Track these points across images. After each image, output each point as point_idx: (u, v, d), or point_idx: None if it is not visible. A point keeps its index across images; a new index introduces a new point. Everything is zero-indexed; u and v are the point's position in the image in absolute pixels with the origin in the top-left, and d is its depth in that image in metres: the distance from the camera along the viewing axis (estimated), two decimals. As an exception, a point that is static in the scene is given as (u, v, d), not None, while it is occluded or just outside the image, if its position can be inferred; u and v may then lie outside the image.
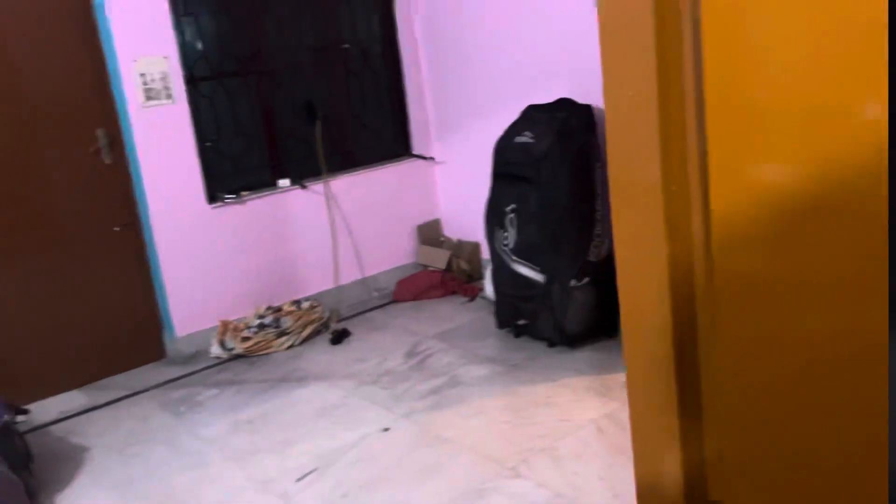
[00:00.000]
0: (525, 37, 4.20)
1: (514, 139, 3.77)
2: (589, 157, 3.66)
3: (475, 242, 4.80)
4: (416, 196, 4.92)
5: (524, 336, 3.90)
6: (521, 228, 3.69)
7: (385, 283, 4.78)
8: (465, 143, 4.70)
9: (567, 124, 3.65)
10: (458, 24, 4.56)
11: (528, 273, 3.72)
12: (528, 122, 3.82)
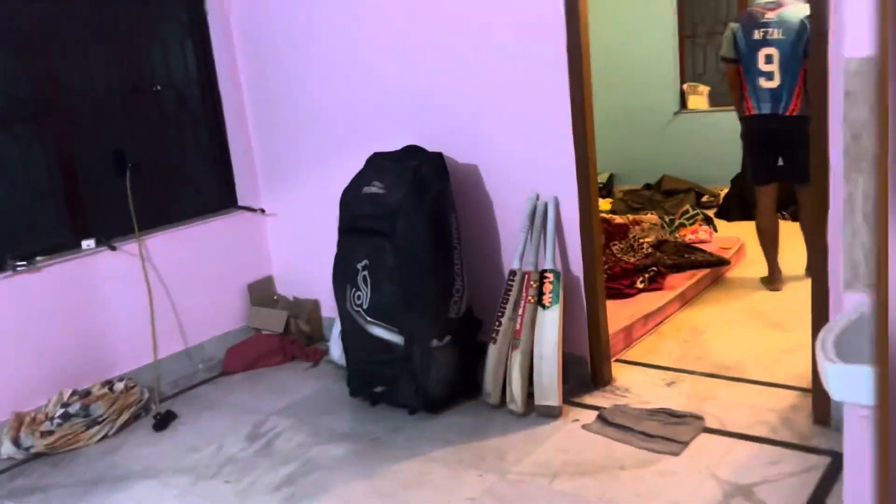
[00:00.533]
0: (365, 80, 3.92)
1: (362, 190, 3.46)
2: (444, 206, 3.42)
3: (314, 300, 4.40)
4: (245, 252, 4.44)
5: (381, 404, 3.55)
6: (377, 286, 3.36)
7: (213, 352, 4.23)
8: (299, 193, 4.32)
9: (420, 173, 3.40)
10: (287, 65, 4.19)
11: (385, 335, 3.39)
12: (375, 171, 3.52)
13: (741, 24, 4.33)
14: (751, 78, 4.29)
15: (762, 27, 4.22)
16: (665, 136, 7.15)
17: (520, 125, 3.52)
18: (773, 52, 4.18)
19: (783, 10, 4.21)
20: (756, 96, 4.29)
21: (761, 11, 4.28)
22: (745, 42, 4.27)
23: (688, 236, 5.33)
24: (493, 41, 3.49)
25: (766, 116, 4.28)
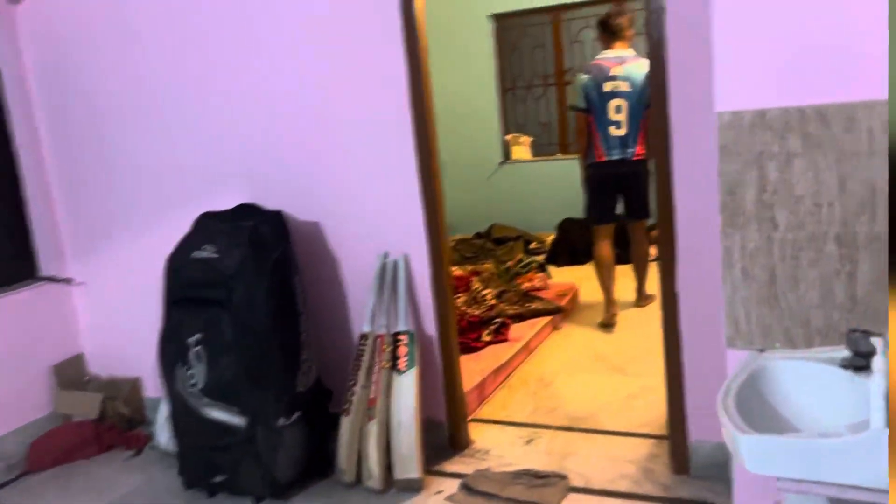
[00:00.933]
0: (190, 133, 3.57)
1: (191, 255, 3.09)
2: (287, 269, 3.14)
3: (134, 378, 3.90)
4: (49, 328, 3.86)
5: (221, 494, 3.15)
6: (213, 363, 3.00)
7: (13, 448, 3.61)
8: (115, 260, 3.84)
9: (258, 233, 3.10)
10: (96, 116, 3.74)
11: (224, 417, 3.02)
12: (206, 233, 3.17)
13: (591, 77, 4.55)
14: (602, 127, 4.53)
15: (611, 80, 4.49)
16: (491, 186, 7.25)
17: (365, 181, 3.32)
18: (622, 103, 4.48)
19: (627, 65, 4.50)
20: (607, 144, 4.55)
21: (608, 66, 4.53)
22: (595, 93, 4.52)
23: (525, 284, 5.35)
24: (335, 93, 3.29)
25: (616, 161, 4.56)
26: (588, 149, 4.64)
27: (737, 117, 1.78)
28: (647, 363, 4.09)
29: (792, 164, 1.75)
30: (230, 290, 2.97)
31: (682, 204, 2.87)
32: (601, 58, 4.62)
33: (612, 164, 4.57)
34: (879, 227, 1.71)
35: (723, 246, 1.85)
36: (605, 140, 4.54)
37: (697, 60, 2.72)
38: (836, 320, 1.78)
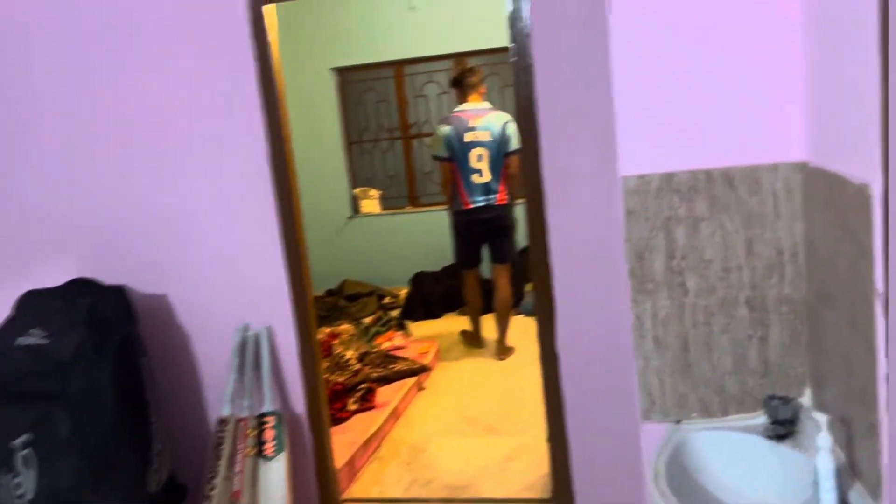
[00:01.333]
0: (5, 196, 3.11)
1: (15, 341, 2.65)
2: (133, 351, 2.77)
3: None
4: None
5: None
6: (46, 468, 2.55)
7: None
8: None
9: (97, 313, 2.71)
10: None
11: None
12: (32, 314, 2.73)
13: (452, 128, 4.79)
14: (465, 175, 4.76)
15: (471, 131, 4.75)
16: (341, 241, 7.02)
17: (220, 246, 3.02)
18: (483, 152, 4.74)
19: (486, 117, 4.79)
20: (471, 191, 4.78)
21: (467, 118, 4.80)
22: (458, 143, 4.75)
23: (384, 344, 5.16)
24: (185, 151, 2.99)
25: (481, 207, 4.78)
26: (454, 196, 4.84)
27: (643, 181, 1.72)
28: (517, 420, 4.01)
29: (700, 228, 1.71)
30: (65, 381, 2.56)
31: (558, 260, 2.81)
32: (459, 110, 4.85)
33: (477, 210, 4.78)
34: (788, 289, 1.69)
35: (633, 314, 1.77)
36: (469, 187, 4.76)
37: (569, 119, 2.70)
38: (750, 386, 1.74)
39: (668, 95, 1.67)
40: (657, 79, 1.67)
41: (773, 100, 1.62)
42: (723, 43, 1.62)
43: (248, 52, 2.87)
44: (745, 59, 1.62)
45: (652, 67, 1.67)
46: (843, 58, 1.31)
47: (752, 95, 1.63)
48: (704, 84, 1.64)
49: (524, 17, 2.71)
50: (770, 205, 1.66)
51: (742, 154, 1.66)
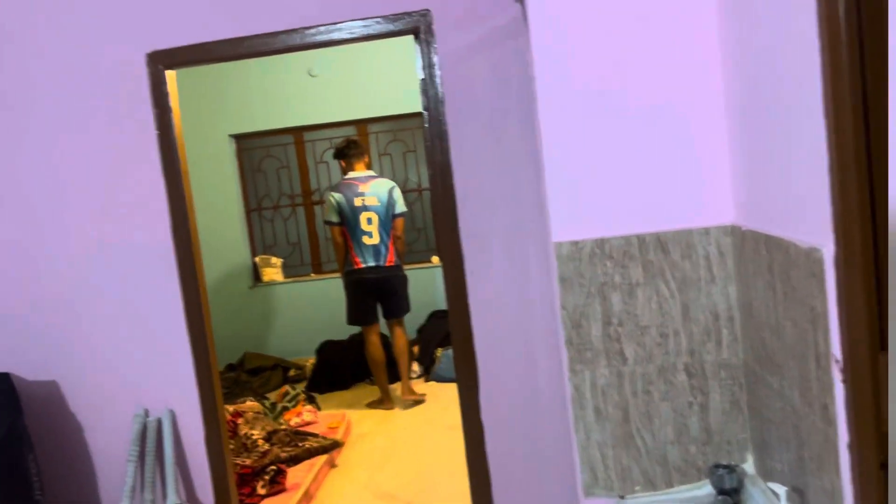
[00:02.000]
0: None
1: None
2: (18, 448, 2.49)
3: None
4: None
5: None
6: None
7: None
8: None
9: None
10: None
11: None
12: None
13: (343, 194, 5.09)
14: (356, 237, 5.07)
15: (360, 196, 5.09)
16: (241, 312, 6.74)
17: (115, 324, 2.81)
18: (373, 215, 5.08)
19: (373, 183, 5.16)
20: (362, 252, 5.08)
21: (356, 184, 5.13)
22: (348, 208, 5.05)
23: (293, 420, 4.91)
24: (77, 221, 2.78)
25: (372, 268, 5.09)
26: (346, 258, 5.15)
27: (576, 248, 1.68)
28: (436, 494, 3.87)
29: (635, 294, 1.68)
30: (-63, 487, 2.26)
31: (479, 325, 2.75)
32: (349, 178, 5.19)
33: (369, 270, 5.10)
34: (726, 354, 1.67)
35: (571, 385, 1.71)
36: (360, 249, 5.09)
37: (485, 182, 2.68)
38: (693, 455, 1.70)
39: (597, 161, 1.65)
40: (585, 145, 1.65)
41: (699, 163, 1.62)
42: (650, 107, 1.62)
43: (148, 117, 2.73)
44: (671, 123, 1.62)
45: (579, 134, 1.65)
46: (777, 116, 1.32)
47: (679, 159, 1.63)
48: (632, 149, 1.63)
49: (437, 84, 2.69)
50: (703, 269, 1.65)
51: (673, 218, 1.65)
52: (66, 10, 2.73)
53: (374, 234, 5.08)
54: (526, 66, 2.61)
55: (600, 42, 1.62)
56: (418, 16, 2.67)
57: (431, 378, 5.91)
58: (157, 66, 2.74)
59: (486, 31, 2.63)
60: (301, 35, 2.71)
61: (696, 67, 1.61)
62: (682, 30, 1.59)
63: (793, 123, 1.23)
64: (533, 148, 2.65)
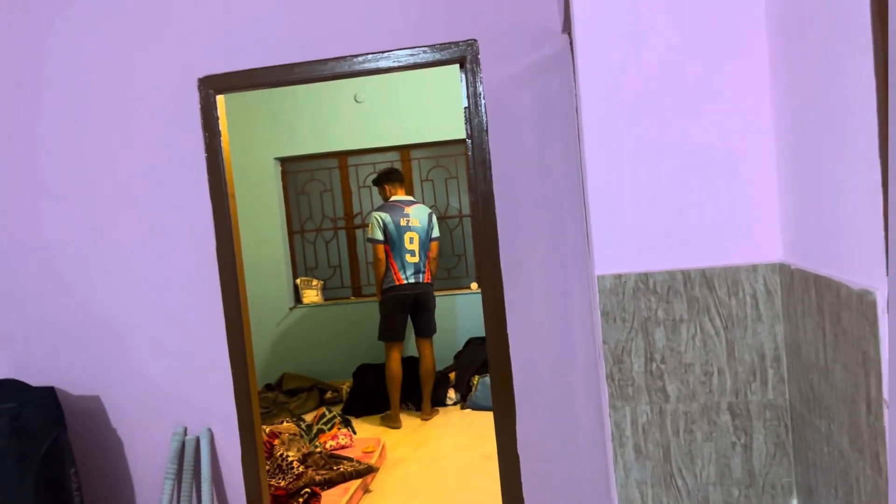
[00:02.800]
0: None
1: (-74, 451, 2.40)
2: (61, 462, 2.53)
3: None
4: None
5: None
6: None
7: None
8: None
9: (22, 419, 2.48)
10: None
11: None
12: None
13: (389, 214, 5.46)
14: (400, 255, 5.45)
15: (405, 217, 5.49)
16: (281, 332, 6.80)
17: (158, 342, 2.85)
18: (415, 235, 5.50)
19: (415, 207, 5.59)
20: (404, 268, 5.47)
21: (401, 206, 5.53)
22: (394, 227, 5.44)
23: (328, 443, 4.91)
24: (126, 244, 2.84)
25: (412, 284, 5.49)
26: (385, 275, 5.49)
27: (619, 281, 1.66)
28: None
29: (679, 331, 1.65)
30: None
31: (517, 355, 2.73)
32: (394, 200, 5.58)
33: (409, 287, 5.48)
34: (771, 394, 1.63)
35: (611, 421, 1.68)
36: (402, 266, 5.46)
37: (526, 211, 2.67)
38: (735, 497, 1.65)
39: (643, 194, 1.63)
40: (631, 178, 1.63)
41: (747, 199, 1.60)
42: (698, 141, 1.60)
43: (198, 140, 2.78)
44: (719, 158, 1.60)
45: (625, 166, 1.64)
46: (829, 154, 1.29)
47: (726, 194, 1.60)
48: (679, 183, 1.61)
49: (482, 112, 2.70)
50: (750, 307, 1.62)
51: (720, 254, 1.62)
52: (120, 35, 2.81)
53: (416, 252, 5.49)
54: (571, 97, 2.61)
55: (648, 74, 1.61)
56: (465, 45, 2.69)
57: (468, 406, 5.88)
58: (208, 90, 2.80)
59: (532, 62, 2.64)
60: (349, 62, 2.75)
61: (746, 102, 1.59)
62: (731, 62, 1.58)
63: (845, 162, 1.21)
64: (575, 179, 2.64)
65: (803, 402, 1.53)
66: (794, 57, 1.43)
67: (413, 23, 2.68)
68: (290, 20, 2.73)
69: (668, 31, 1.60)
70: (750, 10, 1.57)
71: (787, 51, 1.48)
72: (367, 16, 2.70)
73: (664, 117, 1.61)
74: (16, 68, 2.87)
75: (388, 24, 2.69)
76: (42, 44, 2.86)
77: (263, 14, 2.74)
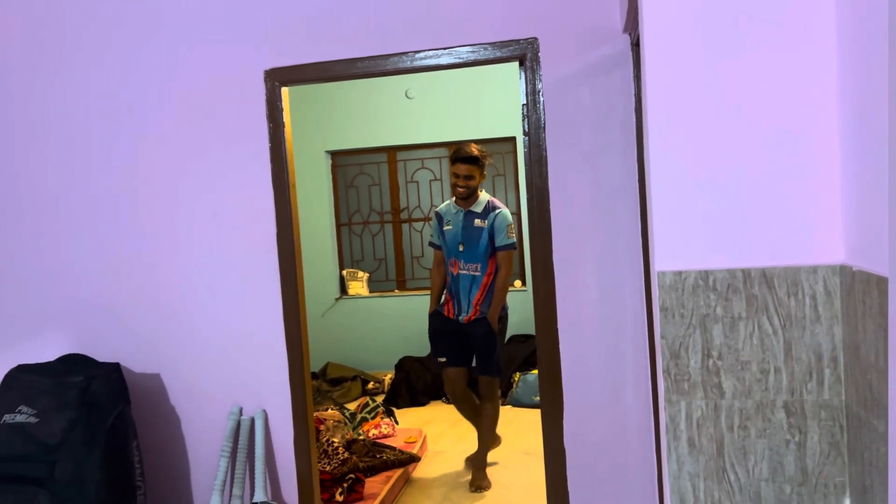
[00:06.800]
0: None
1: (2, 419, 2.52)
2: (125, 435, 2.64)
3: None
4: None
5: None
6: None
7: None
8: None
9: (90, 392, 2.60)
10: None
11: None
12: (21, 391, 2.62)
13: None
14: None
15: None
16: (327, 323, 6.92)
17: (219, 324, 2.94)
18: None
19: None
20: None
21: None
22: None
23: (371, 431, 5.00)
24: (191, 228, 2.94)
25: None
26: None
27: (679, 278, 1.69)
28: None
29: (737, 328, 1.68)
30: (52, 465, 2.43)
31: (566, 354, 2.77)
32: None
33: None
34: (827, 394, 1.65)
35: (666, 415, 1.71)
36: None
37: (580, 210, 2.71)
38: (787, 495, 1.68)
39: (706, 192, 1.66)
40: (695, 175, 1.66)
41: (810, 199, 1.61)
42: (762, 141, 1.63)
43: (262, 131, 2.87)
44: (784, 158, 1.62)
45: (689, 164, 1.66)
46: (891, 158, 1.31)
47: (790, 195, 1.62)
48: (743, 181, 1.64)
49: (540, 110, 2.74)
50: (809, 307, 1.64)
51: (781, 254, 1.64)
52: (189, 27, 2.91)
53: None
54: (630, 96, 2.64)
55: (715, 72, 1.64)
56: (526, 43, 2.73)
57: (508, 402, 5.92)
58: (273, 82, 2.89)
59: (592, 61, 2.67)
60: (411, 58, 2.81)
61: (812, 102, 1.61)
62: (800, 60, 1.60)
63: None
64: (631, 178, 2.67)
65: (860, 402, 1.54)
66: (860, 56, 1.45)
67: (474, 20, 2.73)
68: (354, 15, 2.80)
69: (736, 33, 1.63)
70: (819, 5, 1.59)
71: (852, 51, 1.50)
72: (429, 12, 2.76)
73: (729, 117, 1.64)
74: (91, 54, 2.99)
75: (449, 21, 2.74)
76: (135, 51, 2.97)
77: (328, 8, 2.82)
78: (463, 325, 4.18)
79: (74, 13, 2.97)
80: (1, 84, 3.02)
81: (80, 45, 2.98)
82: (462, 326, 4.19)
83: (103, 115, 2.97)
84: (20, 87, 3.01)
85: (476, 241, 4.12)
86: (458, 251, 4.15)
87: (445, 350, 4.25)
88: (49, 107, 3.00)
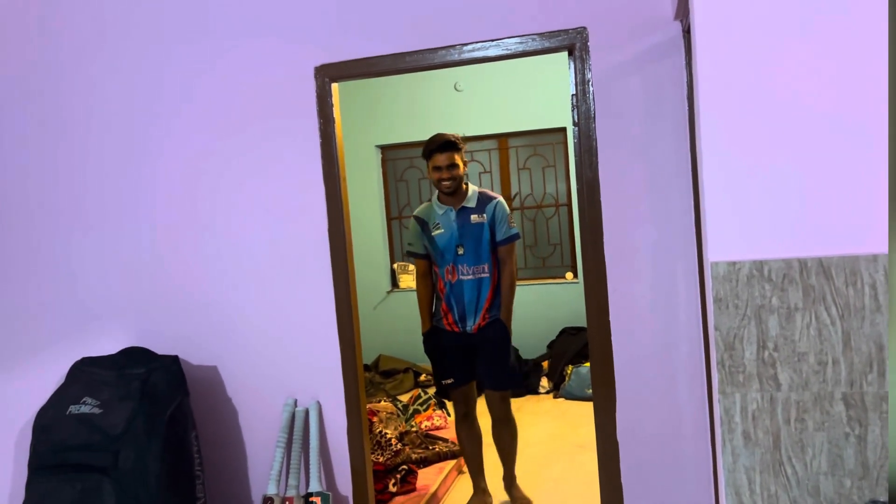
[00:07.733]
0: (58, 258, 3.13)
1: (67, 410, 2.62)
2: (184, 426, 2.71)
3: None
4: None
5: None
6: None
7: None
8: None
9: (150, 384, 2.67)
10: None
11: None
12: (85, 383, 2.71)
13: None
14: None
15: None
16: (378, 316, 6.98)
17: (273, 317, 3.00)
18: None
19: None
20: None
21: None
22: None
23: (423, 423, 5.03)
24: (242, 222, 3.00)
25: None
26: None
27: (733, 268, 1.66)
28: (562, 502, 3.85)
29: (794, 319, 1.64)
30: (116, 455, 2.51)
31: (618, 343, 2.74)
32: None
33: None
34: (888, 386, 1.60)
35: (721, 407, 1.69)
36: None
37: (631, 199, 2.68)
38: (847, 489, 1.64)
39: (760, 181, 1.63)
40: (748, 164, 1.63)
41: (868, 187, 1.57)
42: (817, 130, 1.59)
43: (313, 127, 2.91)
44: (839, 146, 1.58)
45: (742, 153, 1.63)
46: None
47: (846, 183, 1.58)
48: (798, 170, 1.60)
49: (589, 100, 2.72)
50: (869, 297, 1.60)
51: (838, 243, 1.60)
52: (241, 24, 2.96)
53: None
54: (682, 85, 2.59)
55: (768, 59, 1.60)
56: (575, 33, 2.71)
57: (560, 395, 5.89)
58: (323, 78, 2.92)
59: (642, 50, 2.63)
60: (458, 51, 2.81)
61: (868, 89, 1.56)
62: (857, 46, 1.56)
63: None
64: (682, 167, 2.63)
65: (924, 395, 1.50)
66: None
67: (522, 11, 2.71)
68: (402, 10, 2.81)
69: (787, 19, 1.59)
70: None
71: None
72: (477, 4, 2.75)
73: (783, 105, 1.60)
74: (148, 57, 3.07)
75: (497, 13, 2.74)
76: (185, 47, 3.04)
77: (375, 4, 2.83)
78: (471, 337, 3.69)
79: (143, 12, 3.05)
80: (63, 80, 3.12)
81: (151, 41, 3.06)
82: (470, 338, 3.70)
83: (163, 109, 3.04)
84: (82, 80, 3.10)
85: (478, 239, 3.63)
86: (458, 255, 3.63)
87: (452, 369, 3.82)
88: (109, 100, 3.08)
